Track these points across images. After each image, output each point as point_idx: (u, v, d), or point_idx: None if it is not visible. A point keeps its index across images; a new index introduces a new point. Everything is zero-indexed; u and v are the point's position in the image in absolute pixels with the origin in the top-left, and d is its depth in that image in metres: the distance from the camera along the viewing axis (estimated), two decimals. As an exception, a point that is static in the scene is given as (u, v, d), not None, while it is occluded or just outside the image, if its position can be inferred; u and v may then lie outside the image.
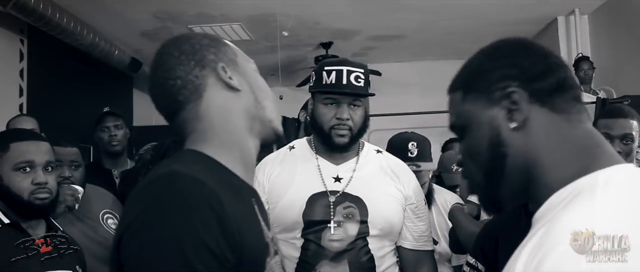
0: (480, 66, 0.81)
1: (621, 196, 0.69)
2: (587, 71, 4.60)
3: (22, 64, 4.49)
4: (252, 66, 1.01)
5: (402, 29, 5.58)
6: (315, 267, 1.56)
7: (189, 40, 0.95)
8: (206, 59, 0.93)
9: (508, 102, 0.76)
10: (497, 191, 0.79)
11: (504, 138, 0.76)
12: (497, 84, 0.77)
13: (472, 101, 0.80)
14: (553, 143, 0.75)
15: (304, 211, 1.58)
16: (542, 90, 0.75)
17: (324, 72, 1.62)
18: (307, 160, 1.68)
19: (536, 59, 0.78)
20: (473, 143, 0.80)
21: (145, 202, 0.79)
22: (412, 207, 1.67)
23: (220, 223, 0.77)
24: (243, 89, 0.95)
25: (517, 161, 0.76)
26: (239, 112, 0.94)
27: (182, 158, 0.89)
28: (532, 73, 0.76)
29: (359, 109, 1.63)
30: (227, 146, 0.92)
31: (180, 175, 0.80)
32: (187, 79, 0.92)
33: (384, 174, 1.67)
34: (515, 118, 0.75)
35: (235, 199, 0.85)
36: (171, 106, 0.93)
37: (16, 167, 1.57)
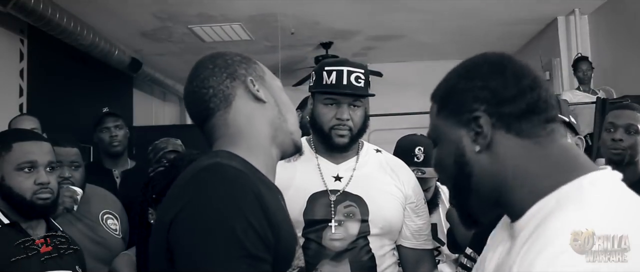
0: (455, 85, 0.83)
1: (612, 194, 0.72)
2: (586, 72, 4.60)
3: (22, 64, 4.49)
4: (278, 84, 1.10)
5: (402, 29, 5.58)
6: (316, 267, 1.56)
7: (223, 56, 1.06)
8: (237, 73, 1.04)
9: (474, 125, 0.78)
10: (467, 203, 0.83)
11: (468, 159, 0.79)
12: (467, 106, 0.79)
13: (444, 118, 0.83)
14: (521, 164, 0.77)
15: (304, 210, 1.58)
16: (510, 115, 0.77)
17: (324, 72, 1.62)
18: (306, 159, 1.68)
19: (509, 81, 0.78)
20: (442, 157, 0.84)
21: (194, 190, 0.87)
22: (412, 206, 1.67)
23: (263, 209, 0.86)
24: (268, 101, 1.04)
25: (484, 180, 0.79)
26: (263, 122, 1.03)
27: (221, 154, 0.97)
28: (502, 97, 0.77)
29: (359, 110, 1.63)
30: (254, 149, 1.01)
31: (225, 166, 0.90)
32: (219, 89, 1.02)
33: (384, 172, 1.67)
34: (479, 142, 0.78)
35: (268, 192, 0.93)
36: (203, 113, 1.03)
37: (19, 167, 1.57)
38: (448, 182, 0.85)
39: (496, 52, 0.84)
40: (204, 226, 0.83)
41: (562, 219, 0.70)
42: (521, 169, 0.77)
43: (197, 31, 5.32)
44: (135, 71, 5.79)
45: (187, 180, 0.91)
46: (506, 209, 0.80)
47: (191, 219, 0.84)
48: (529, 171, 0.76)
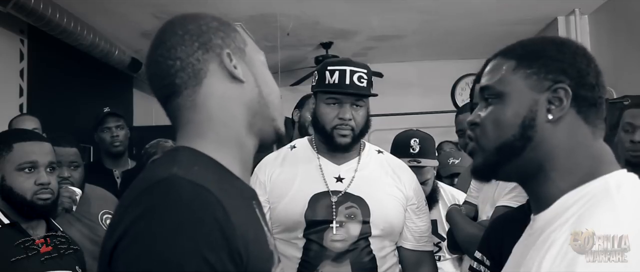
0: (544, 49, 0.83)
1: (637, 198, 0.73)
2: None
3: (22, 64, 4.48)
4: (261, 58, 0.93)
5: (402, 29, 5.58)
6: (317, 268, 1.56)
7: (196, 20, 0.87)
8: (211, 43, 0.85)
9: (554, 95, 0.79)
10: (503, 164, 0.82)
11: (536, 124, 0.79)
12: (552, 75, 0.80)
13: (524, 76, 0.81)
14: (574, 147, 0.79)
15: (306, 211, 1.58)
16: (585, 99, 0.79)
17: (327, 72, 1.61)
18: (308, 160, 1.67)
19: (593, 71, 0.81)
20: (506, 113, 0.81)
21: (142, 210, 0.70)
22: (413, 208, 1.67)
23: (225, 237, 0.69)
24: (247, 80, 0.86)
25: (537, 149, 0.79)
26: (240, 106, 0.85)
27: (179, 158, 0.79)
28: (585, 81, 0.80)
29: (362, 109, 1.62)
30: (225, 143, 0.84)
31: (180, 181, 0.72)
32: (188, 62, 0.83)
33: (385, 174, 1.67)
34: (554, 112, 0.79)
35: (239, 204, 0.78)
36: (167, 88, 0.85)
37: (19, 167, 1.58)
38: (493, 141, 0.82)
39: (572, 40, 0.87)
40: (147, 264, 0.66)
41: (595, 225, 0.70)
42: (572, 153, 0.78)
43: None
44: (135, 71, 5.78)
45: (134, 197, 0.73)
46: (533, 186, 0.81)
47: (131, 253, 0.68)
48: (572, 158, 0.78)
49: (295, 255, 1.59)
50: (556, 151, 0.79)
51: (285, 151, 1.75)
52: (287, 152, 1.73)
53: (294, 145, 1.75)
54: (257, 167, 1.72)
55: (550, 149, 0.79)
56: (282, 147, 1.79)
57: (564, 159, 0.78)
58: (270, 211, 1.64)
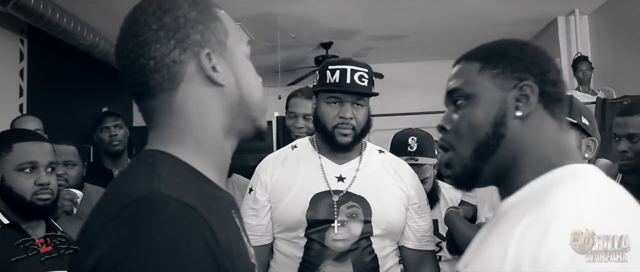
0: (506, 50, 0.86)
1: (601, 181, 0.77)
2: (586, 72, 4.59)
3: (22, 64, 4.48)
4: (244, 49, 0.85)
5: (402, 29, 5.58)
6: (318, 267, 1.55)
7: (173, 11, 0.77)
8: (189, 40, 0.77)
9: (520, 93, 0.82)
10: (481, 167, 0.84)
11: (507, 122, 0.82)
12: (518, 73, 0.83)
13: (490, 76, 0.84)
14: (542, 140, 0.82)
15: (307, 210, 1.58)
16: (550, 95, 0.83)
17: (328, 71, 1.61)
18: (309, 159, 1.67)
19: (553, 69, 0.85)
20: (478, 113, 0.84)
21: (125, 232, 0.63)
22: (415, 207, 1.67)
23: (214, 258, 0.65)
24: (227, 83, 0.79)
25: (510, 145, 0.82)
26: (219, 110, 0.79)
27: (158, 168, 0.72)
28: (548, 78, 0.83)
29: (363, 109, 1.62)
30: (203, 149, 0.78)
31: (164, 199, 0.66)
32: (163, 63, 0.76)
33: (387, 173, 1.67)
34: (522, 109, 0.82)
35: (220, 218, 0.72)
36: (140, 87, 0.78)
37: (19, 167, 1.57)
38: (469, 145, 0.84)
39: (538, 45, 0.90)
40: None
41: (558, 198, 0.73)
42: (540, 147, 0.81)
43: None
44: (135, 71, 5.78)
45: (113, 214, 0.65)
46: (506, 182, 0.83)
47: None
48: (541, 150, 0.81)
49: (297, 254, 1.59)
50: (527, 146, 0.82)
51: (286, 150, 1.74)
52: (289, 152, 1.73)
53: (296, 145, 1.75)
54: (259, 166, 1.71)
55: (521, 144, 0.82)
56: (284, 147, 1.79)
57: (533, 152, 0.81)
58: (272, 211, 1.64)
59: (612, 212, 0.73)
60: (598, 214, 0.71)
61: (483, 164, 0.83)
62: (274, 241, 1.66)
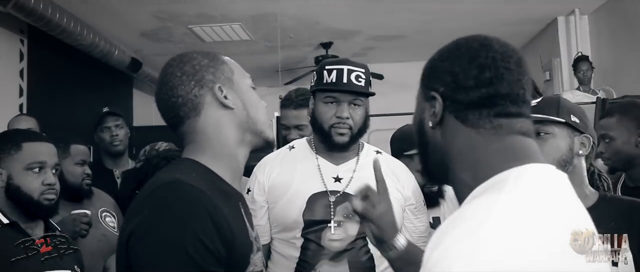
0: (433, 60, 0.88)
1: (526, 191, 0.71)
2: (586, 72, 4.59)
3: (22, 64, 4.49)
4: (248, 82, 1.13)
5: (402, 29, 5.58)
6: (315, 267, 1.56)
7: (190, 61, 1.08)
8: (204, 79, 1.06)
9: (430, 103, 0.84)
10: (427, 166, 0.91)
11: (425, 131, 0.86)
12: (431, 84, 0.85)
13: (420, 89, 0.89)
14: (463, 149, 0.80)
15: (304, 211, 1.58)
16: (461, 102, 0.80)
17: (325, 71, 1.62)
18: (307, 160, 1.68)
19: (471, 71, 0.80)
20: (413, 119, 0.92)
21: (151, 207, 0.93)
22: (412, 208, 1.67)
23: (215, 225, 0.92)
24: (236, 106, 1.08)
25: (435, 152, 0.86)
26: (232, 127, 1.08)
27: (182, 167, 1.03)
28: (459, 84, 0.80)
29: (360, 109, 1.62)
30: (220, 157, 1.06)
31: (182, 183, 0.94)
32: (187, 98, 1.05)
33: (384, 174, 1.66)
34: (431, 119, 0.84)
35: (226, 203, 0.99)
36: (173, 119, 1.08)
37: (28, 166, 1.60)
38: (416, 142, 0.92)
39: (481, 37, 0.84)
40: (157, 245, 0.89)
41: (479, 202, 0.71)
42: (463, 154, 0.80)
43: (197, 31, 5.32)
44: (135, 71, 5.79)
45: (146, 196, 0.95)
46: (454, 186, 0.84)
47: (146, 237, 0.90)
48: (471, 156, 0.79)
49: (294, 254, 1.59)
50: (449, 153, 0.82)
51: (284, 151, 1.75)
52: (286, 152, 1.73)
53: (293, 145, 1.76)
54: (256, 167, 1.72)
55: (443, 151, 0.83)
56: (281, 148, 1.79)
57: (459, 159, 0.81)
58: (269, 211, 1.64)
59: (511, 207, 0.69)
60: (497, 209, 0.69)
61: (426, 163, 0.90)
62: (272, 241, 1.67)
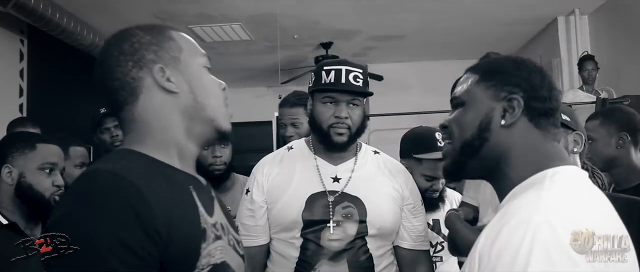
0: (503, 66, 0.97)
1: (564, 186, 0.84)
2: (591, 72, 4.58)
3: (22, 64, 4.49)
4: (200, 61, 0.99)
5: (402, 29, 5.58)
6: (314, 267, 1.56)
7: (129, 39, 0.95)
8: (144, 59, 0.94)
9: (508, 104, 0.92)
10: (465, 162, 0.96)
11: (491, 128, 0.93)
12: (508, 87, 0.93)
13: (484, 87, 0.95)
14: (525, 147, 0.91)
15: (303, 211, 1.58)
16: (536, 109, 0.92)
17: (323, 72, 1.62)
18: (305, 160, 1.68)
19: (546, 85, 0.94)
20: (467, 118, 0.96)
21: (65, 202, 0.86)
22: (410, 207, 1.67)
23: (139, 216, 0.79)
24: (181, 90, 0.95)
25: (493, 149, 0.92)
26: (175, 115, 0.95)
27: (110, 156, 0.95)
28: (537, 94, 0.93)
29: (358, 109, 1.63)
30: (162, 146, 0.94)
31: (100, 172, 0.84)
32: (125, 81, 0.93)
33: (382, 174, 1.67)
34: (507, 118, 0.92)
35: (166, 188, 0.87)
36: (112, 105, 0.97)
37: (41, 166, 1.63)
38: (459, 138, 0.96)
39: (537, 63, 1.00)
40: None
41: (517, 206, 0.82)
42: (525, 153, 0.90)
43: (197, 31, 5.32)
44: (135, 71, 5.79)
45: (63, 195, 0.91)
46: (495, 182, 0.94)
47: None
48: (524, 157, 0.90)
49: (293, 254, 1.59)
50: (510, 151, 0.91)
51: (282, 151, 1.75)
52: (285, 153, 1.74)
53: (292, 146, 1.76)
54: (255, 167, 1.72)
55: (504, 149, 0.92)
56: (280, 149, 1.79)
57: (516, 158, 0.91)
58: (268, 211, 1.65)
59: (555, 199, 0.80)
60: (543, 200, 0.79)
61: (467, 159, 0.95)
62: (271, 241, 1.67)
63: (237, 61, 6.39)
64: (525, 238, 0.72)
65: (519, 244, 0.72)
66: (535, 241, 0.72)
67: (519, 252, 0.72)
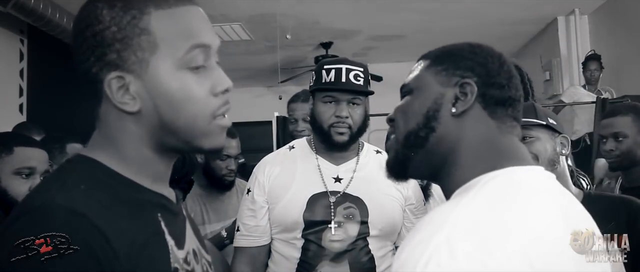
0: (457, 50, 0.86)
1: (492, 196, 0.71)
2: (594, 72, 4.57)
3: (22, 64, 4.49)
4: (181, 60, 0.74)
5: (402, 29, 5.58)
6: (315, 268, 1.56)
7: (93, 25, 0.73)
8: (104, 59, 0.73)
9: (460, 90, 0.81)
10: (409, 156, 0.84)
11: (440, 116, 0.81)
12: (461, 71, 0.82)
13: (433, 73, 0.85)
14: (477, 141, 0.79)
15: (304, 211, 1.58)
16: (492, 97, 0.81)
17: (324, 71, 1.62)
18: (307, 160, 1.67)
19: (503, 72, 0.83)
20: (413, 105, 0.84)
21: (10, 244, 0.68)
22: (412, 208, 1.67)
23: (99, 263, 0.66)
24: (144, 107, 0.73)
25: (441, 141, 0.81)
26: (139, 131, 0.75)
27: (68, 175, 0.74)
28: (493, 80, 0.82)
29: (359, 108, 1.62)
30: (128, 159, 0.76)
31: (53, 209, 0.67)
32: (88, 76, 0.75)
33: (384, 174, 1.66)
34: (458, 106, 0.80)
35: (132, 221, 0.72)
36: (82, 95, 0.81)
37: (17, 171, 1.58)
38: (403, 130, 0.85)
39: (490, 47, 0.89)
40: None
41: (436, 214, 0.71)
42: (472, 146, 0.79)
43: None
44: (135, 71, 5.79)
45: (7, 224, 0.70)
46: (442, 182, 0.82)
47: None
48: (480, 147, 0.79)
49: (294, 255, 1.59)
50: (459, 144, 0.80)
51: (284, 151, 1.75)
52: (286, 152, 1.73)
53: (293, 146, 1.75)
54: (256, 167, 1.72)
55: (453, 141, 0.80)
56: (281, 148, 1.79)
57: (466, 153, 0.79)
58: (269, 211, 1.64)
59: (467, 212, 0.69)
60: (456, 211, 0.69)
61: (411, 153, 0.83)
62: (272, 241, 1.67)
63: (236, 61, 6.39)
64: (421, 258, 0.63)
65: (414, 264, 0.64)
66: (430, 263, 0.62)
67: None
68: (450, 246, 0.63)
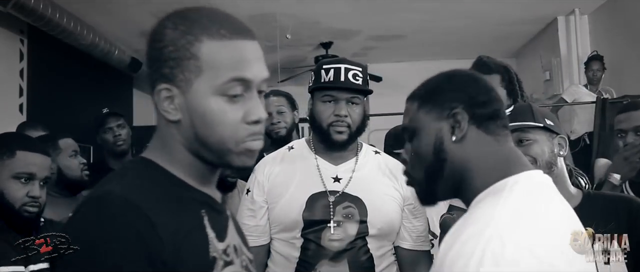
0: (438, 86, 0.98)
1: (522, 197, 0.84)
2: (596, 72, 4.56)
3: (22, 64, 4.49)
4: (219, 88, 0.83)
5: (402, 29, 5.59)
6: (315, 267, 1.56)
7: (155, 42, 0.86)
8: (160, 72, 0.84)
9: (453, 120, 0.93)
10: (434, 187, 0.96)
11: (445, 147, 0.93)
12: (448, 104, 0.94)
13: (426, 112, 0.96)
14: (482, 155, 0.92)
15: (303, 211, 1.58)
16: (482, 115, 0.94)
17: (322, 70, 1.62)
18: (306, 160, 1.68)
19: (482, 90, 0.96)
20: (421, 145, 0.96)
21: (74, 227, 0.80)
22: (410, 208, 1.67)
23: (147, 249, 0.75)
24: (183, 119, 0.84)
25: (454, 166, 0.93)
26: (180, 138, 0.86)
27: (128, 173, 0.87)
28: (476, 100, 0.94)
29: (358, 107, 1.63)
30: (178, 162, 0.87)
31: (111, 198, 0.78)
32: (152, 84, 0.86)
33: (383, 174, 1.67)
34: (456, 134, 0.93)
35: (176, 216, 0.82)
36: None
37: (16, 175, 1.56)
38: (420, 170, 0.97)
39: (464, 70, 1.05)
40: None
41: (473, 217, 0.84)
42: (483, 160, 0.92)
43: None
44: (135, 71, 5.79)
45: (75, 211, 0.83)
46: (463, 195, 0.94)
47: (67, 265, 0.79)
48: (484, 163, 0.91)
49: (294, 254, 1.59)
50: (469, 163, 0.92)
51: (283, 151, 1.75)
52: (285, 152, 1.74)
53: (292, 146, 1.76)
54: (256, 167, 1.72)
55: (464, 162, 0.92)
56: (281, 148, 1.79)
57: (477, 167, 0.91)
58: (268, 211, 1.65)
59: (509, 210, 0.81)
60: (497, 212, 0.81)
61: (434, 184, 0.96)
62: (272, 241, 1.67)
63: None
64: (476, 251, 0.74)
65: (469, 257, 0.75)
66: (486, 254, 0.74)
67: (469, 265, 0.74)
68: (501, 238, 0.75)
